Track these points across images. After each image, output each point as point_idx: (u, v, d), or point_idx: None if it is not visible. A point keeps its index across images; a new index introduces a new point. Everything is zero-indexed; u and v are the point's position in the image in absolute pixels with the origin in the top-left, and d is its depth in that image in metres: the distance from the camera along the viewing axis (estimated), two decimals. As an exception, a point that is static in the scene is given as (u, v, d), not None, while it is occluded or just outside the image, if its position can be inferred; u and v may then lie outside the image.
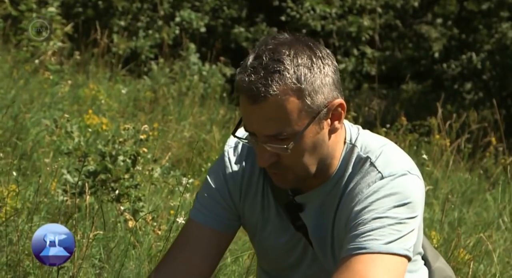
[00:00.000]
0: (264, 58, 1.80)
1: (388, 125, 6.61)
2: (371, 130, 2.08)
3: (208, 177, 2.05)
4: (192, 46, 8.47)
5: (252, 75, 1.79)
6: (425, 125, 6.79)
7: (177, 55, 8.53)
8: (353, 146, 1.94)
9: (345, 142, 1.95)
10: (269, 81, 1.78)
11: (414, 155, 6.11)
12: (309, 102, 1.81)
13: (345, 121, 1.98)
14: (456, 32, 11.34)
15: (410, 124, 6.77)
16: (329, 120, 1.86)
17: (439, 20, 11.67)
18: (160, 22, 9.05)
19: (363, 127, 2.03)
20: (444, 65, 10.58)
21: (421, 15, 11.87)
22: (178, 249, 2.04)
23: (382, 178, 1.87)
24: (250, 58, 1.82)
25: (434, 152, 6.30)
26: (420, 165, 5.73)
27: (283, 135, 1.82)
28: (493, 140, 6.56)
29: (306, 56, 1.82)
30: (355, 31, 9.87)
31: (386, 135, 6.16)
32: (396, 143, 3.19)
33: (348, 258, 1.80)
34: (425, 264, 2.17)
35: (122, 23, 8.87)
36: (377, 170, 1.89)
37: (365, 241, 1.80)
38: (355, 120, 6.72)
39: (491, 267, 4.15)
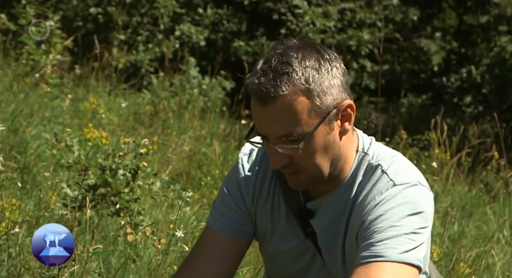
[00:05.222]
0: (273, 61, 1.84)
1: (387, 139, 6.61)
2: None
3: (223, 184, 2.08)
4: (192, 60, 8.47)
5: (262, 77, 1.83)
6: (424, 139, 6.78)
7: (177, 69, 8.53)
8: (365, 154, 1.96)
9: (357, 150, 1.96)
10: (278, 82, 1.81)
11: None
12: (318, 103, 1.84)
13: (359, 131, 2.01)
14: (455, 45, 11.36)
15: (410, 138, 6.77)
16: (339, 121, 1.89)
17: (438, 34, 11.70)
18: (160, 36, 9.05)
19: None
20: (444, 78, 10.59)
21: (420, 29, 11.89)
22: (194, 256, 2.05)
23: (394, 185, 1.89)
24: (260, 63, 1.86)
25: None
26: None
27: (294, 136, 1.84)
28: (496, 154, 6.56)
29: (314, 58, 1.85)
30: (354, 45, 9.88)
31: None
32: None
33: (365, 265, 1.80)
34: None
35: (122, 37, 8.88)
36: (389, 177, 1.90)
37: (381, 249, 1.81)
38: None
39: (492, 281, 4.14)
